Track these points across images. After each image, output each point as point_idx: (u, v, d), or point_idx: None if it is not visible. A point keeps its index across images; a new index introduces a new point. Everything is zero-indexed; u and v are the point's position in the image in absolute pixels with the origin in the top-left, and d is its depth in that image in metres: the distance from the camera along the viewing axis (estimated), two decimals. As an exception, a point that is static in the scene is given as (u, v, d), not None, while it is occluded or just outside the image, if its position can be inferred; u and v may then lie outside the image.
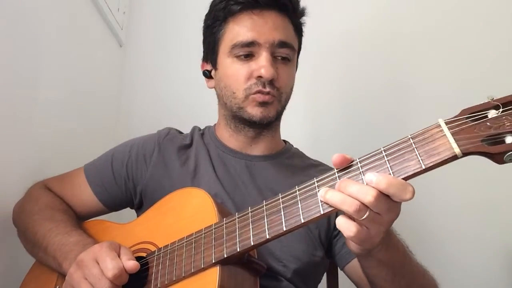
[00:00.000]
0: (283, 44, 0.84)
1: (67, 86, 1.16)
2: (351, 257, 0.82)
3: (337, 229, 0.84)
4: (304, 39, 0.95)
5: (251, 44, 0.82)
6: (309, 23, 0.94)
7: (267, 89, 0.82)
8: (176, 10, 1.55)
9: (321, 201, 0.55)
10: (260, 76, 0.81)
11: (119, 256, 0.67)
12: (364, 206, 0.51)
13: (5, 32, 0.88)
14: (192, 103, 1.43)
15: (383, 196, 0.51)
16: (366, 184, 0.52)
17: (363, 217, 0.52)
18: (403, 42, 1.45)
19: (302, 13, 0.91)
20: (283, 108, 0.88)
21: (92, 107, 1.32)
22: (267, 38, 0.82)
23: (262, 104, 0.83)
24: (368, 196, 0.51)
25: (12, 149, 0.92)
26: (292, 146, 0.99)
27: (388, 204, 0.52)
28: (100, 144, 1.00)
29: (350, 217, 0.53)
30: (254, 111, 0.83)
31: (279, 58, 0.85)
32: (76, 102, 1.21)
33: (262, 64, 0.81)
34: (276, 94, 0.84)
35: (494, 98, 0.51)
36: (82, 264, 0.67)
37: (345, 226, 0.54)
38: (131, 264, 0.66)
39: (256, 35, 0.82)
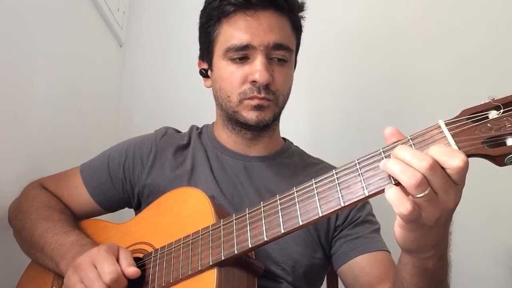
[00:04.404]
0: (278, 46, 0.80)
1: (66, 86, 1.15)
2: (347, 258, 0.80)
3: (337, 230, 0.84)
4: (305, 39, 0.93)
5: (245, 47, 0.79)
6: (310, 22, 0.92)
7: (262, 95, 0.80)
8: (176, 10, 1.54)
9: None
10: (255, 81, 0.79)
11: (118, 260, 0.67)
12: (425, 181, 0.47)
13: (4, 31, 0.88)
14: (192, 103, 1.42)
15: (439, 167, 0.47)
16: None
17: (421, 194, 0.47)
18: (404, 42, 1.44)
19: (300, 8, 0.87)
20: (281, 109, 0.86)
21: (92, 107, 1.32)
22: (262, 41, 0.79)
23: (258, 107, 0.81)
24: (424, 162, 0.46)
25: (10, 148, 0.92)
26: (292, 144, 0.98)
27: (444, 178, 0.47)
28: (100, 144, 1.00)
29: (405, 192, 0.48)
30: (249, 115, 0.81)
31: (275, 60, 0.82)
32: (76, 102, 1.21)
33: (256, 68, 0.79)
34: (272, 97, 0.81)
35: (495, 98, 0.50)
36: (79, 268, 0.66)
37: (399, 201, 0.47)
38: (132, 271, 0.66)
39: (250, 38, 0.79)
